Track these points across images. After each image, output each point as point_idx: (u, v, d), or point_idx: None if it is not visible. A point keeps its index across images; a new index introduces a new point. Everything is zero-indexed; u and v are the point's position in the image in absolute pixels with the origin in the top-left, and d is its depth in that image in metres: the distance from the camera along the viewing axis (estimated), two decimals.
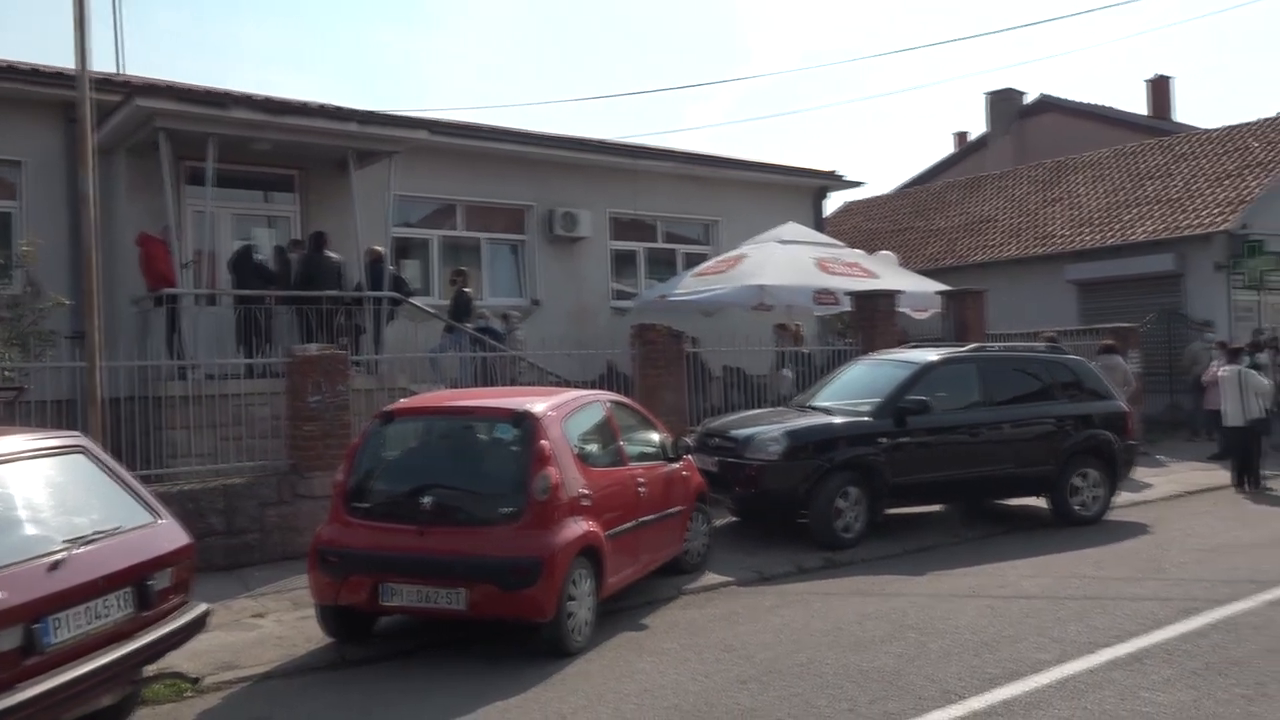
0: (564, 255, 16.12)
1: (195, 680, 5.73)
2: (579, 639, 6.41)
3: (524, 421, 6.56)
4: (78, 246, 9.30)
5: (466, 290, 13.30)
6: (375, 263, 12.27)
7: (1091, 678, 5.61)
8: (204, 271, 11.87)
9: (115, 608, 4.67)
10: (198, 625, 5.23)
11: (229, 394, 9.88)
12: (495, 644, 6.57)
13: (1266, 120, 21.69)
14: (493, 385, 11.30)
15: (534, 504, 6.24)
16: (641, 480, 7.49)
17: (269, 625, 7.16)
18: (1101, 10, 29.84)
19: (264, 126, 11.38)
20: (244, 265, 11.68)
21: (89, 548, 4.64)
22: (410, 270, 14.66)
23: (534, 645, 6.31)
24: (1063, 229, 22.04)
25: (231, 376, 10.45)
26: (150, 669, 5.18)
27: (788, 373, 13.20)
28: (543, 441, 6.43)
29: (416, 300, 13.08)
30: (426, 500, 6.35)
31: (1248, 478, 12.78)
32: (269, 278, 11.78)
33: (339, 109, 12.06)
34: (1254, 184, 19.51)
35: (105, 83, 11.51)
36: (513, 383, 11.89)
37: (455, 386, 11.28)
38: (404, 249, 14.86)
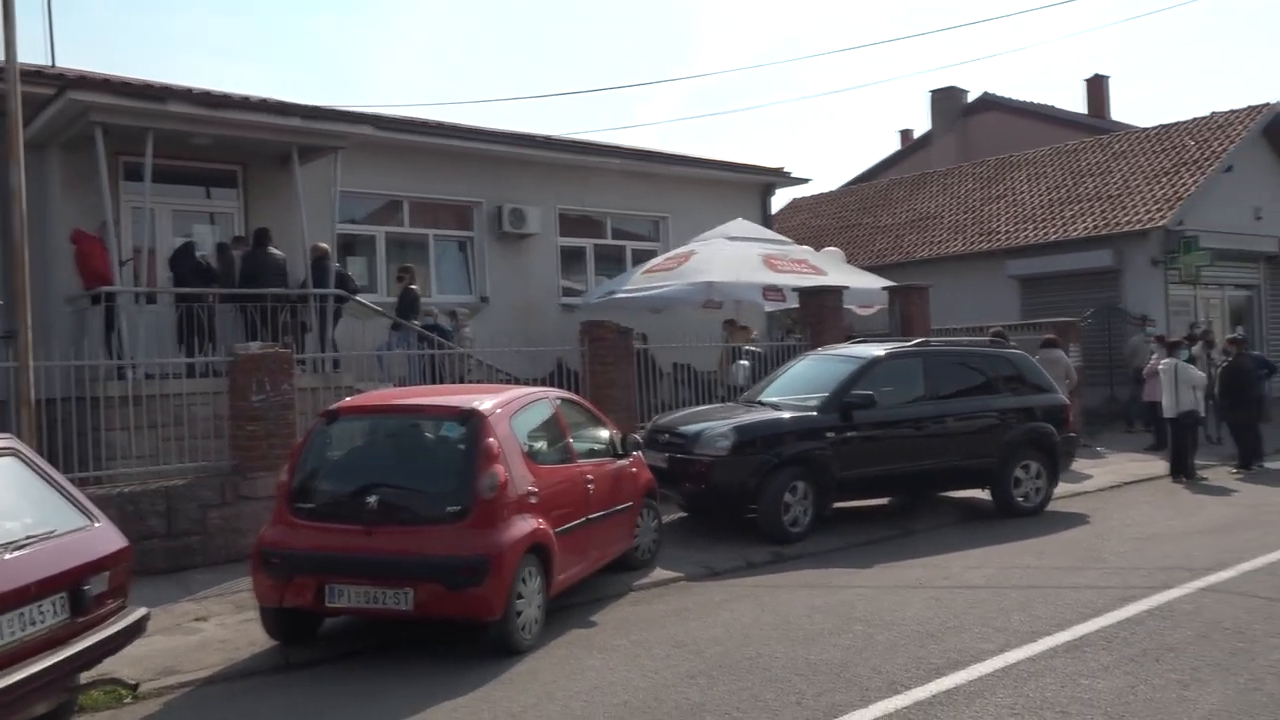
0: (512, 252, 16.03)
1: (134, 686, 5.61)
2: (528, 637, 6.39)
3: (470, 419, 6.52)
4: (8, 244, 9.05)
5: (413, 287, 13.17)
6: (320, 260, 12.09)
7: (1033, 666, 5.72)
8: (143, 269, 11.62)
9: (49, 613, 4.56)
10: (136, 630, 5.12)
11: (169, 394, 9.68)
12: (443, 644, 6.52)
13: (1199, 119, 22.24)
14: (441, 383, 11.22)
15: (481, 502, 6.20)
16: (590, 477, 7.48)
17: (211, 629, 7.04)
18: (1041, 10, 30.40)
19: (204, 121, 11.15)
20: (184, 262, 11.44)
21: (20, 553, 4.53)
22: (356, 267, 14.49)
23: (483, 644, 6.27)
24: (1005, 225, 22.42)
25: (172, 376, 10.24)
26: (87, 675, 5.07)
27: (744, 362, 13.26)
28: (489, 439, 6.39)
29: (362, 298, 12.92)
30: (372, 500, 6.28)
31: (1184, 467, 13.10)
32: (210, 275, 11.56)
33: (282, 104, 11.86)
34: (1188, 181, 20.01)
35: (37, 75, 11.21)
36: (461, 380, 11.81)
37: (402, 385, 11.18)
38: (349, 246, 14.67)
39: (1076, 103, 34.02)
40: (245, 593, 7.12)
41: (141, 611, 5.20)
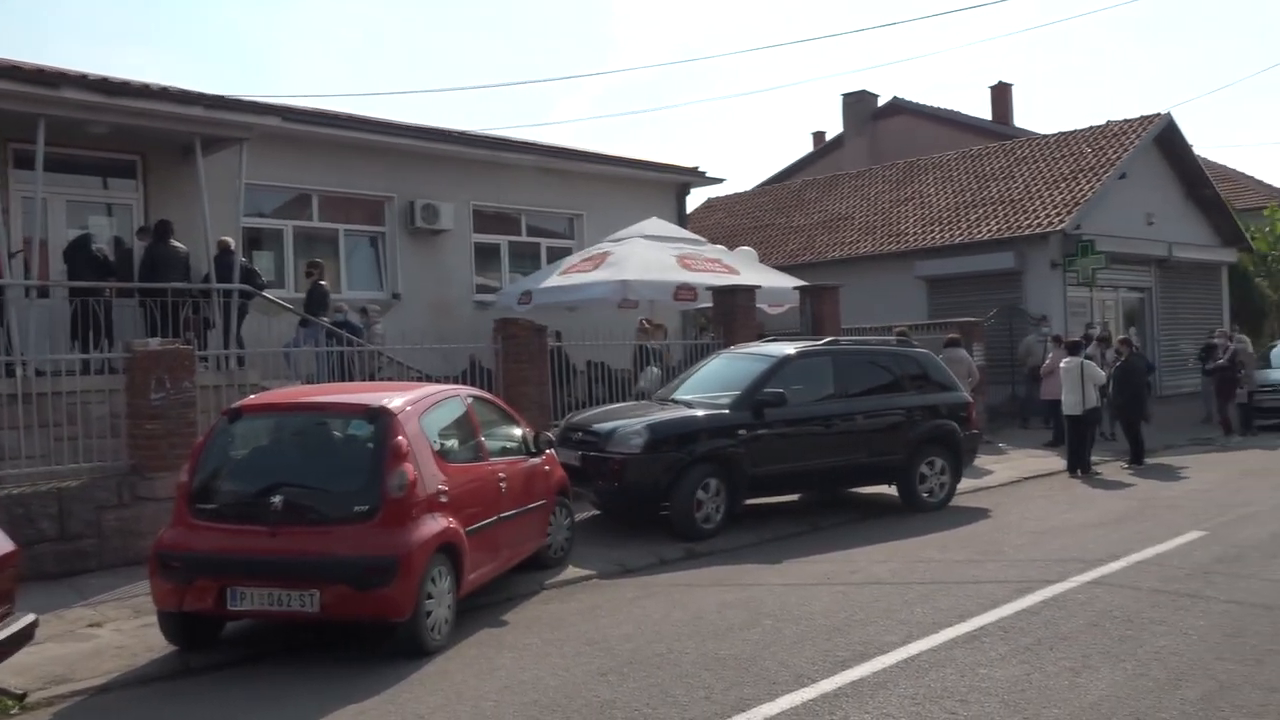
0: (425, 248, 15.84)
1: (21, 696, 5.40)
2: (437, 637, 6.32)
3: (379, 417, 6.42)
4: None
5: (323, 283, 12.92)
6: (224, 254, 11.77)
7: (934, 656, 5.88)
8: (34, 261, 11.15)
9: None
10: (24, 637, 4.93)
11: (63, 391, 9.29)
12: (351, 646, 6.41)
13: (1096, 127, 23.10)
14: (351, 381, 11.02)
15: (390, 501, 6.11)
16: (502, 475, 7.43)
17: (107, 635, 6.79)
18: (949, 14, 31.21)
19: (100, 109, 10.75)
20: (79, 255, 11.02)
21: None
22: (263, 262, 14.13)
23: (391, 646, 6.19)
24: (913, 227, 22.96)
25: (66, 373, 9.83)
26: None
27: (655, 369, 13.33)
28: (399, 438, 6.31)
29: (270, 293, 12.62)
30: (276, 500, 6.14)
31: (1080, 463, 13.59)
32: (107, 268, 11.16)
33: (184, 92, 11.50)
34: (1086, 187, 20.77)
35: None
36: (372, 378, 11.63)
37: (311, 382, 10.95)
38: (256, 240, 14.32)
39: (982, 109, 35.02)
40: (143, 597, 6.89)
41: (29, 618, 5.00)
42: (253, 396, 7.66)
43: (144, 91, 11.18)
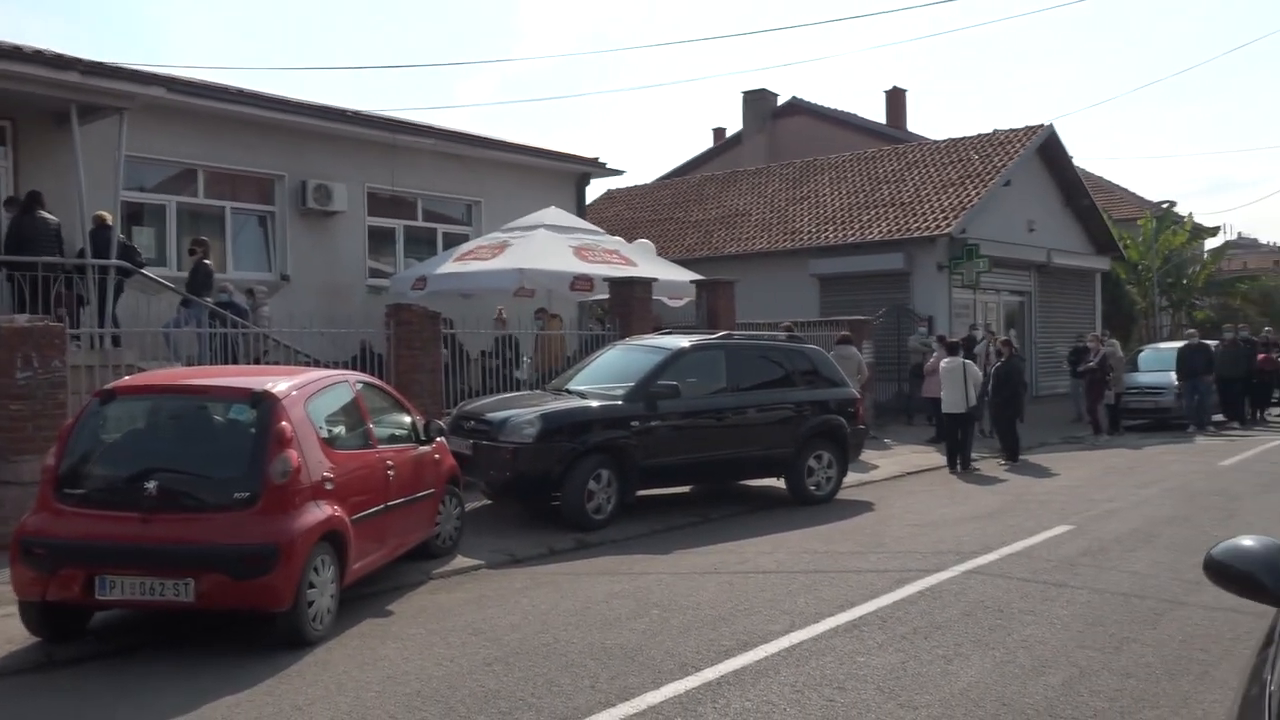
0: (317, 229, 15.45)
1: None
2: (319, 628, 6.18)
3: (263, 402, 6.23)
4: None
5: (207, 262, 12.47)
6: (100, 229, 11.25)
7: (815, 645, 6.02)
8: None
9: None
10: None
11: None
12: (228, 637, 6.22)
13: (984, 135, 23.93)
14: (235, 364, 10.69)
15: (272, 488, 5.94)
16: (391, 463, 7.31)
17: None
18: (848, 20, 31.86)
19: None
20: None
21: None
22: (143, 238, 13.60)
23: (271, 636, 6.03)
24: (808, 226, 23.41)
25: None
26: None
27: (526, 359, 13.25)
28: (283, 423, 6.13)
29: (150, 271, 12.13)
30: (151, 485, 5.90)
31: (960, 459, 14.09)
32: None
33: (59, 56, 10.94)
34: (973, 193, 21.50)
35: None
36: (257, 362, 11.30)
37: (192, 365, 10.57)
38: (137, 215, 13.76)
39: (878, 113, 35.89)
40: (4, 586, 6.55)
41: None
42: (128, 378, 7.36)
43: (15, 54, 10.59)
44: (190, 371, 8.63)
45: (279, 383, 6.49)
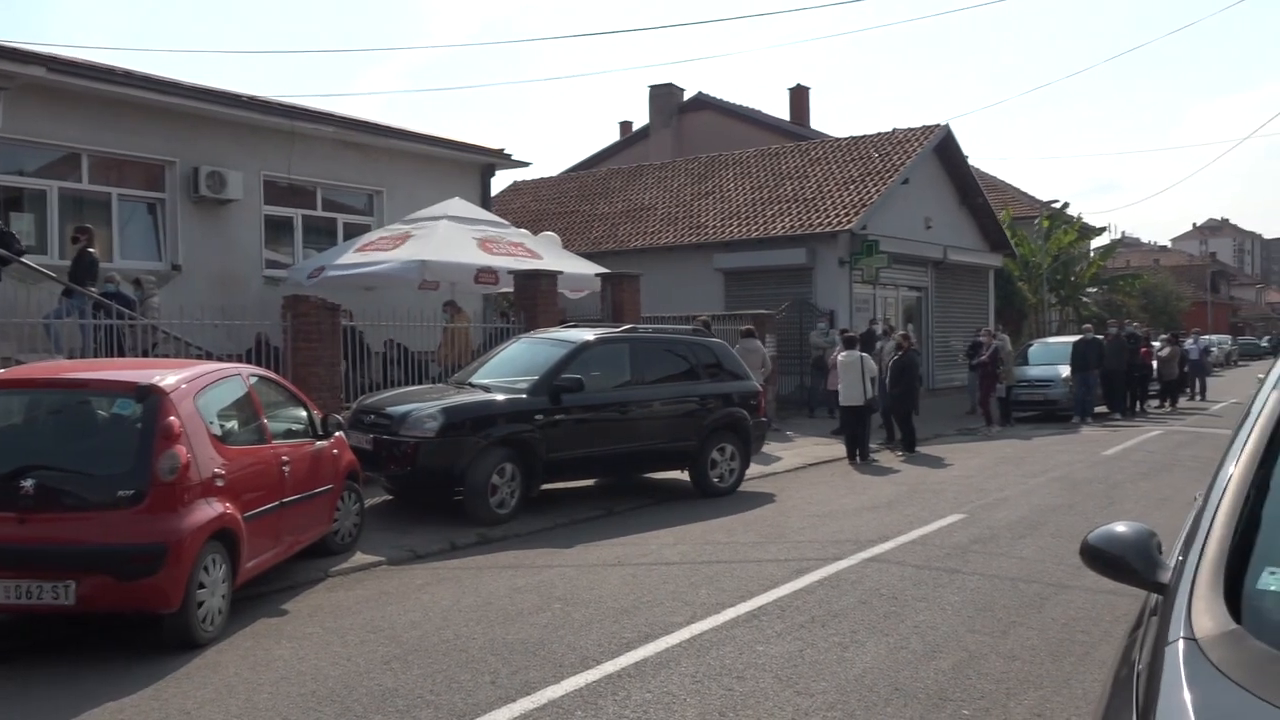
0: (210, 218, 14.95)
1: None
2: (210, 628, 6.00)
3: (149, 396, 6.01)
4: None
5: (91, 250, 11.93)
6: None
7: (716, 635, 6.08)
8: None
9: None
10: None
11: None
12: (113, 640, 5.99)
13: (884, 134, 24.49)
14: (122, 357, 10.28)
15: (159, 486, 5.74)
16: (286, 459, 7.13)
17: None
18: (753, 17, 32.20)
19: None
20: None
21: None
22: (22, 224, 12.94)
23: (159, 638, 5.82)
24: (713, 220, 23.62)
25: None
26: None
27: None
28: (170, 418, 5.92)
29: (29, 259, 11.56)
30: (28, 483, 5.64)
31: (859, 451, 14.40)
32: None
33: None
34: (873, 190, 21.98)
35: None
36: (146, 354, 10.87)
37: (75, 357, 10.13)
38: (14, 200, 13.12)
39: (781, 110, 36.39)
40: None
41: None
42: (5, 370, 7.01)
43: None
44: (73, 364, 8.26)
45: (166, 376, 6.27)
